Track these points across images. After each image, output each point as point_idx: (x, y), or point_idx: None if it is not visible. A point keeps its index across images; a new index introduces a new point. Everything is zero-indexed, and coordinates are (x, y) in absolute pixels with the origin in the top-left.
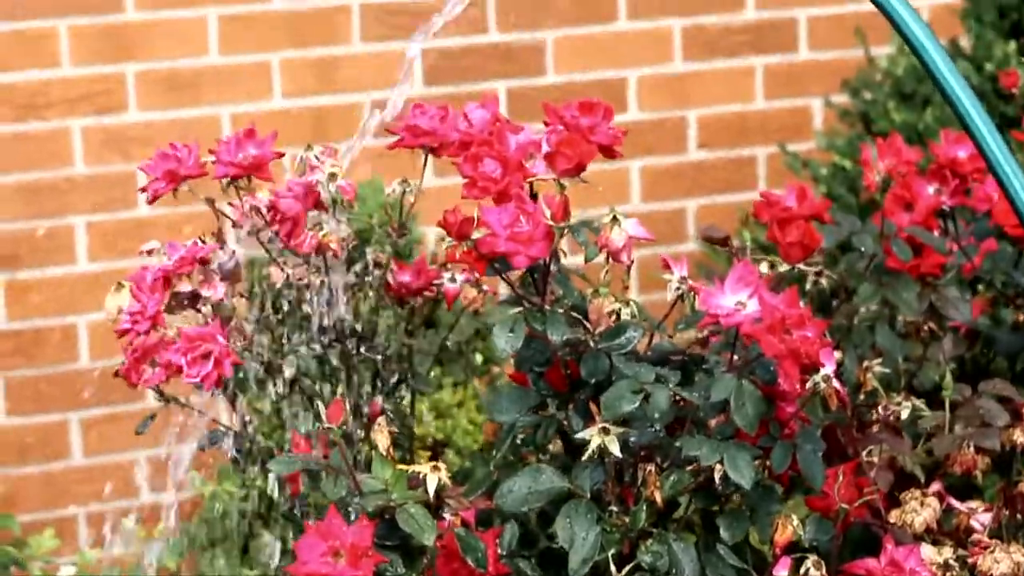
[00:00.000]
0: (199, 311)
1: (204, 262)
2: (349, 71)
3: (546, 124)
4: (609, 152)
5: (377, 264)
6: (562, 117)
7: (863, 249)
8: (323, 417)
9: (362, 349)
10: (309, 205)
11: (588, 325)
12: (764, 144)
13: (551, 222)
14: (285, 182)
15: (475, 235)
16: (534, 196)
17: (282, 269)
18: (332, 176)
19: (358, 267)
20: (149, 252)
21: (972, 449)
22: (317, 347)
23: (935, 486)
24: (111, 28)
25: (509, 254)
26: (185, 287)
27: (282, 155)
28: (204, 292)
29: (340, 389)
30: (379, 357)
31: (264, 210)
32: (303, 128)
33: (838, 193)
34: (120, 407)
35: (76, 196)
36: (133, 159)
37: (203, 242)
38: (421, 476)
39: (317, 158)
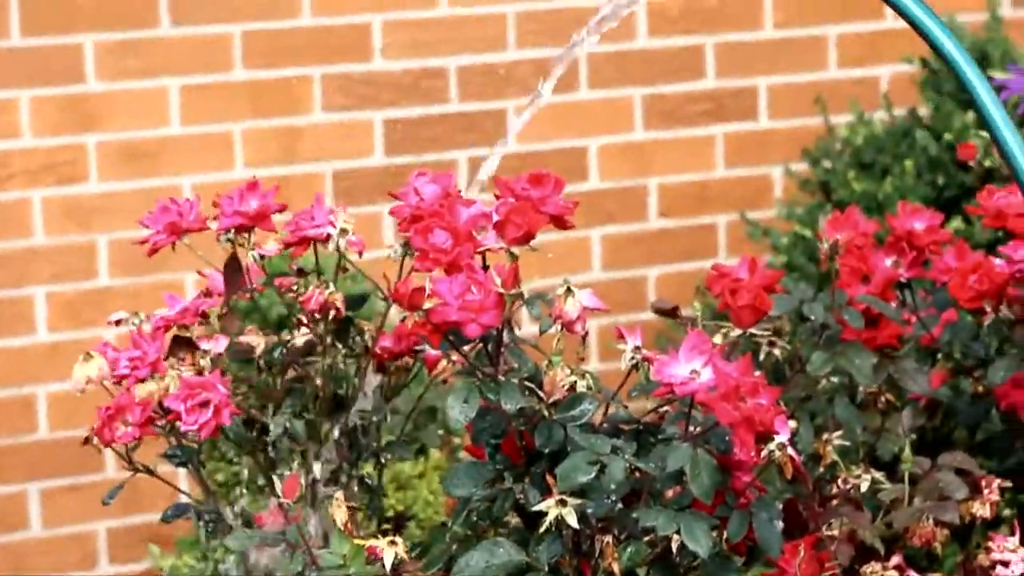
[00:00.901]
0: (197, 363)
1: (205, 315)
2: (311, 141)
3: (497, 197)
4: (560, 223)
5: (360, 330)
6: (512, 190)
7: (813, 317)
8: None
9: (351, 415)
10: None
11: (543, 396)
12: (725, 212)
13: (502, 290)
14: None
15: (427, 305)
16: (486, 267)
17: (265, 333)
18: (344, 231)
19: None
20: (117, 322)
21: (931, 522)
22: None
23: (895, 559)
24: (72, 99)
25: (461, 323)
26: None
27: (285, 207)
28: (205, 345)
29: (316, 454)
30: (363, 423)
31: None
32: None
33: (798, 262)
34: (80, 478)
35: (36, 266)
36: (94, 230)
37: (207, 295)
38: (379, 550)
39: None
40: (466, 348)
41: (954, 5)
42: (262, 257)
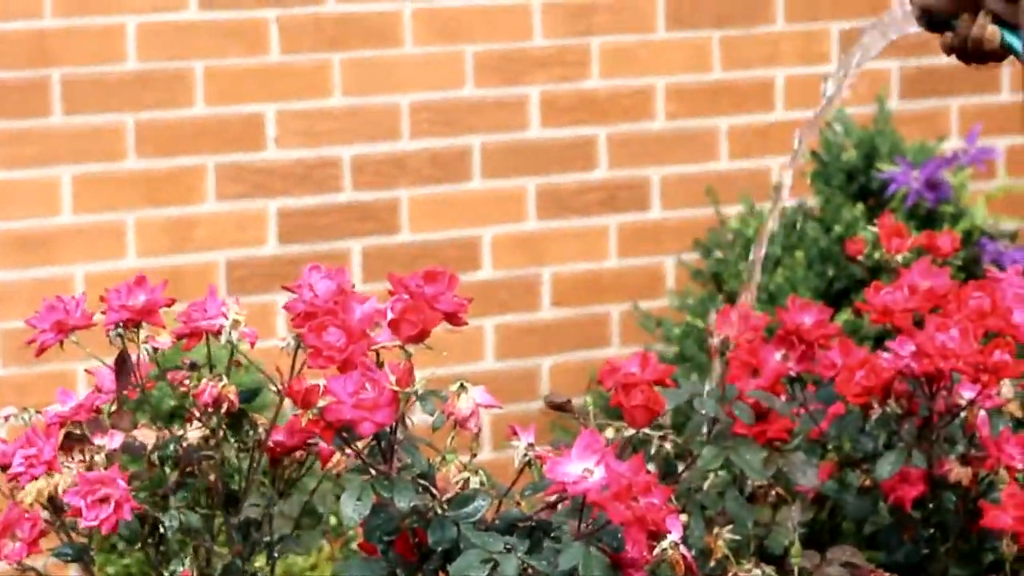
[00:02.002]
0: (91, 459)
1: (98, 411)
2: (204, 230)
3: (391, 293)
4: (454, 319)
5: (253, 424)
6: (407, 286)
7: (704, 411)
8: None
9: (242, 510)
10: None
11: (436, 493)
12: (618, 302)
13: (396, 388)
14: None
15: (321, 403)
16: (380, 364)
17: (160, 427)
18: (236, 323)
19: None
20: (5, 418)
21: None
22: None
23: None
24: None
25: (355, 421)
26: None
27: (173, 302)
28: (98, 441)
29: (207, 551)
30: (255, 518)
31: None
32: None
33: (691, 353)
34: None
35: None
36: None
37: (99, 391)
38: None
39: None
40: (359, 444)
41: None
42: (155, 351)
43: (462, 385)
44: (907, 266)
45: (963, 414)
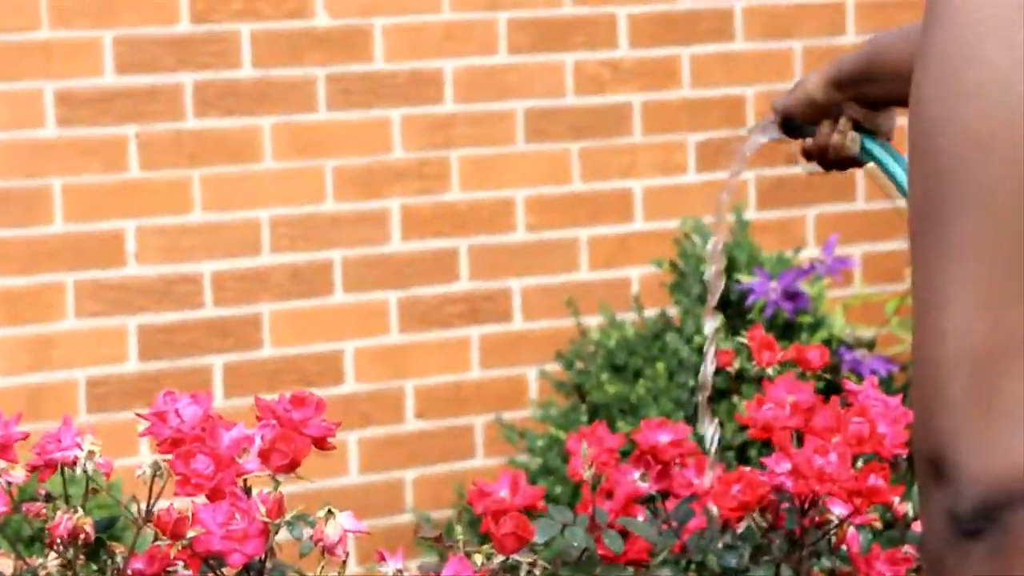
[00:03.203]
0: None
1: None
2: (64, 348)
3: (258, 418)
4: (322, 444)
5: (111, 553)
6: (274, 411)
7: (576, 544)
8: None
9: None
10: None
11: None
12: (481, 413)
13: (266, 519)
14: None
15: (190, 534)
16: (248, 491)
17: (19, 556)
18: (91, 454)
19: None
20: None
21: None
22: None
23: None
24: None
25: (224, 553)
26: None
27: (27, 436)
28: None
29: None
30: None
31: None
32: (16, 406)
33: (554, 465)
34: None
35: None
36: None
37: None
38: None
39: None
40: (225, 570)
41: (700, 209)
42: (9, 484)
43: (330, 511)
44: (772, 379)
45: (833, 529)
